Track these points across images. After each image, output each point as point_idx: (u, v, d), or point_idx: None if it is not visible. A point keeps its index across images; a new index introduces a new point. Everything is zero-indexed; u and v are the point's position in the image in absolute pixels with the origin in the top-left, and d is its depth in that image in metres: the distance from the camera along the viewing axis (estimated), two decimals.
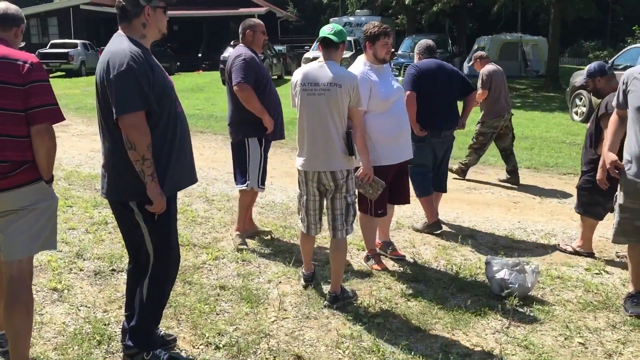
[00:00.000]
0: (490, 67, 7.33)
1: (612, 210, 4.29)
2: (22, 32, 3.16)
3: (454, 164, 7.45)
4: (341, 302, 3.94)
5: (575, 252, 4.99)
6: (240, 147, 4.92)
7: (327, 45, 3.82)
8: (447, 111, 5.41)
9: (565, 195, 7.02)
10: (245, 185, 4.91)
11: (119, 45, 2.87)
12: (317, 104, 3.75)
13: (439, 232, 5.47)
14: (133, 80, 2.76)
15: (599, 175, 4.17)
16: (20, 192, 2.80)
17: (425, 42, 5.60)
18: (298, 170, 3.95)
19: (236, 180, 5.08)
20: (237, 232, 5.08)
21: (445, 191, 5.74)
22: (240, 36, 5.03)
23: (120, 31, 2.96)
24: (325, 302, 3.96)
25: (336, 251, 3.94)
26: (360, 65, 4.43)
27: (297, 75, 3.89)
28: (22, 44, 3.29)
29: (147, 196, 2.86)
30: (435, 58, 5.51)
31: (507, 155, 7.52)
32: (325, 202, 3.95)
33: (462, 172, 7.68)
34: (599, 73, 4.90)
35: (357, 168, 4.06)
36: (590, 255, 4.93)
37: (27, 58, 2.84)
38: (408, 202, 4.86)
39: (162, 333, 3.36)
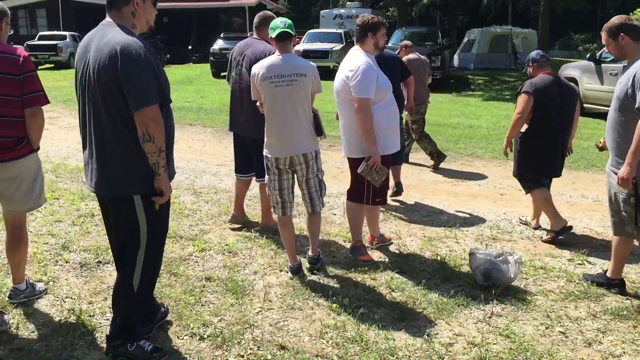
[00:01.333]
0: (411, 55, 7.69)
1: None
2: (7, 24, 3.46)
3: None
4: (320, 264, 4.39)
5: (551, 238, 5.12)
6: (261, 143, 4.42)
7: (284, 39, 4.06)
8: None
9: (552, 187, 7.06)
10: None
11: (122, 36, 2.81)
12: (286, 93, 4.02)
13: (399, 196, 6.33)
14: (152, 72, 2.79)
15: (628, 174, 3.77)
16: (21, 162, 3.46)
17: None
18: (268, 157, 4.18)
19: (257, 176, 5.11)
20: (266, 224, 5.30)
21: (401, 163, 6.35)
22: (256, 28, 5.06)
23: (108, 19, 2.93)
24: (308, 265, 4.38)
25: (313, 223, 4.39)
26: (362, 56, 4.41)
27: (258, 69, 4.09)
28: (11, 32, 3.61)
29: (152, 188, 2.91)
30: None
31: (421, 140, 7.87)
32: (297, 183, 4.26)
33: (437, 161, 7.98)
34: (532, 60, 5.34)
35: (364, 158, 4.33)
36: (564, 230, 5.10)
37: (20, 52, 3.38)
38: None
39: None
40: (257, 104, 4.30)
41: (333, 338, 3.42)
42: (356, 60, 4.36)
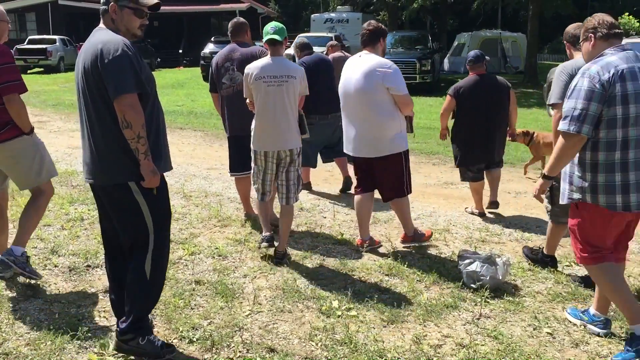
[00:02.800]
0: (336, 54, 7.87)
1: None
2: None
3: None
4: (285, 259, 4.63)
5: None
6: None
7: (274, 44, 4.46)
8: (328, 97, 6.12)
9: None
10: None
11: (107, 35, 3.02)
12: (277, 93, 4.40)
13: (349, 191, 6.63)
14: (128, 64, 2.94)
15: None
16: (9, 144, 3.87)
17: (300, 41, 6.94)
18: (256, 151, 4.58)
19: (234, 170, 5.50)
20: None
21: (343, 156, 6.19)
22: (232, 34, 5.41)
23: (102, 24, 3.13)
24: (275, 260, 4.59)
25: (286, 216, 4.69)
26: (382, 58, 4.67)
27: (251, 69, 4.46)
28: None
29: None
30: (312, 53, 6.76)
31: None
32: (278, 175, 4.63)
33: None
34: (467, 60, 6.00)
35: (400, 152, 4.81)
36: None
37: None
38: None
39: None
40: (247, 101, 4.63)
41: (322, 340, 3.43)
42: (384, 60, 4.60)
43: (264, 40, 4.46)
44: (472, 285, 4.14)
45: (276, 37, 4.40)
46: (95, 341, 3.35)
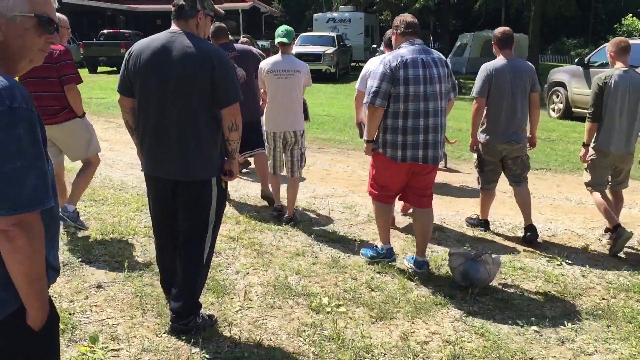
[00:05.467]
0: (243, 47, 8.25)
1: None
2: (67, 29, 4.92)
3: None
4: (294, 221, 5.50)
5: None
6: (258, 124, 5.97)
7: (284, 45, 5.43)
8: None
9: (535, 189, 7.15)
10: None
11: (206, 43, 3.27)
12: (286, 84, 5.36)
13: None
14: (235, 74, 3.35)
15: None
16: (66, 124, 4.82)
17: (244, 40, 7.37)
18: (267, 132, 5.51)
19: (256, 147, 6.09)
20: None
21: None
22: (213, 36, 5.92)
23: (176, 27, 3.27)
24: (284, 222, 5.45)
25: (292, 187, 5.60)
26: None
27: (265, 65, 5.44)
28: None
29: (220, 171, 3.38)
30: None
31: None
32: (284, 151, 5.54)
33: None
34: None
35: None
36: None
37: (57, 48, 4.61)
38: None
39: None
40: (262, 91, 5.63)
41: (310, 336, 3.47)
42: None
43: (276, 41, 5.47)
44: (462, 283, 4.17)
45: (285, 39, 5.38)
46: (85, 334, 3.39)
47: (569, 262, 4.77)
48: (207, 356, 3.24)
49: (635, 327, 3.66)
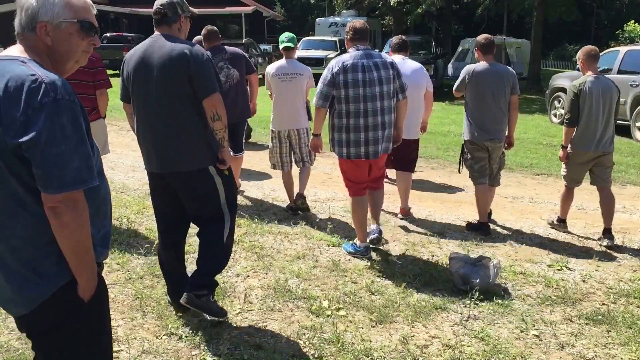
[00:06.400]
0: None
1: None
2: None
3: None
4: (302, 200, 6.02)
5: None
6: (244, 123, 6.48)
7: (288, 50, 5.92)
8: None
9: (536, 195, 7.16)
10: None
11: (184, 42, 3.42)
12: (289, 86, 5.80)
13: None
14: (212, 67, 3.42)
15: None
16: (93, 124, 4.67)
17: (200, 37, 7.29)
18: (273, 130, 5.95)
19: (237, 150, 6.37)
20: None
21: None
22: (205, 38, 6.14)
23: (158, 33, 3.46)
24: (299, 201, 5.98)
25: (303, 173, 6.10)
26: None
27: (271, 69, 5.96)
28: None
29: (216, 159, 3.49)
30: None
31: None
32: (292, 149, 5.98)
33: None
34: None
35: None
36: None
37: (94, 55, 4.78)
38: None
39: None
40: (268, 93, 6.06)
41: (310, 339, 3.47)
42: (412, 66, 5.92)
43: (280, 47, 5.92)
44: (462, 287, 4.17)
45: (290, 44, 5.86)
46: None
47: (570, 267, 4.77)
48: (207, 358, 3.24)
49: (636, 332, 3.66)
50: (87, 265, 1.87)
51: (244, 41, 24.28)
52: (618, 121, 11.31)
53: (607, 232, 5.32)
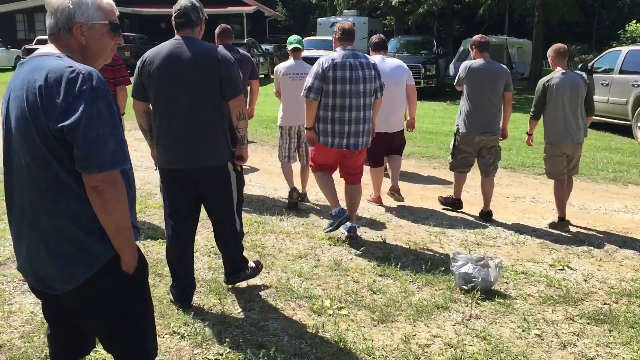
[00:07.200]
0: None
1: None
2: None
3: None
4: (302, 199, 6.47)
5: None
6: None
7: (296, 50, 6.31)
8: None
9: (538, 194, 7.15)
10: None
11: (210, 45, 3.67)
12: (298, 85, 5.79)
13: None
14: (238, 70, 3.68)
15: None
16: None
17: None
18: (282, 126, 6.35)
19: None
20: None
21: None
22: (220, 36, 6.21)
23: (180, 35, 3.62)
24: (295, 193, 6.26)
25: (305, 171, 6.45)
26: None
27: (280, 68, 6.36)
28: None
29: (232, 156, 3.77)
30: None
31: None
32: (300, 145, 6.37)
33: None
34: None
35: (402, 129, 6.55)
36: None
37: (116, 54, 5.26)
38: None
39: None
40: (274, 91, 6.48)
41: (312, 338, 3.47)
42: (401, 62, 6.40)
43: (289, 48, 6.33)
44: (464, 286, 4.17)
45: (298, 45, 6.28)
46: None
47: (571, 266, 4.77)
48: (209, 357, 3.25)
49: (637, 332, 3.66)
50: (128, 240, 2.04)
51: (245, 41, 24.32)
52: (620, 121, 11.42)
53: (562, 220, 5.76)
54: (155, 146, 3.79)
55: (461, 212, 6.29)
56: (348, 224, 5.23)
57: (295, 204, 6.25)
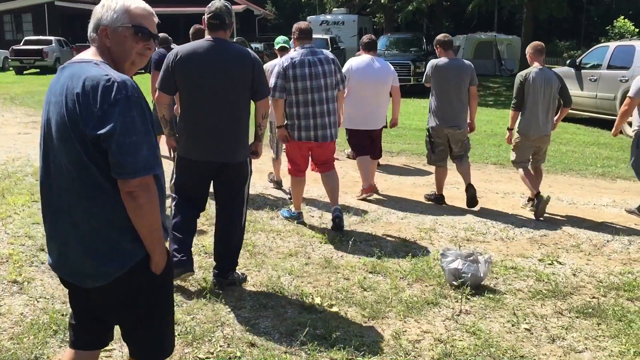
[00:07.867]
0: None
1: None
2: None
3: None
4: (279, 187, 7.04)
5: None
6: None
7: (284, 49, 6.47)
8: None
9: (527, 190, 7.18)
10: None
11: (243, 47, 4.01)
12: None
13: None
14: (265, 72, 4.03)
15: None
16: None
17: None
18: (271, 123, 6.45)
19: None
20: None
21: None
22: (193, 36, 6.18)
23: (212, 37, 3.88)
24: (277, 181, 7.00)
25: (277, 162, 7.00)
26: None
27: (269, 66, 6.24)
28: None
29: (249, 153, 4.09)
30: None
31: None
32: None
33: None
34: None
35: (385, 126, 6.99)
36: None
37: None
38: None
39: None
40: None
41: (303, 335, 3.48)
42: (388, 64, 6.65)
43: (276, 47, 6.62)
44: (454, 282, 4.19)
45: (285, 45, 6.50)
46: None
47: (560, 261, 4.80)
48: (199, 356, 3.25)
49: (625, 325, 3.69)
50: (159, 242, 2.12)
51: (235, 40, 24.25)
52: (608, 117, 11.49)
53: (538, 195, 5.97)
54: (174, 135, 4.10)
55: (451, 209, 6.31)
56: (332, 206, 5.53)
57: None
